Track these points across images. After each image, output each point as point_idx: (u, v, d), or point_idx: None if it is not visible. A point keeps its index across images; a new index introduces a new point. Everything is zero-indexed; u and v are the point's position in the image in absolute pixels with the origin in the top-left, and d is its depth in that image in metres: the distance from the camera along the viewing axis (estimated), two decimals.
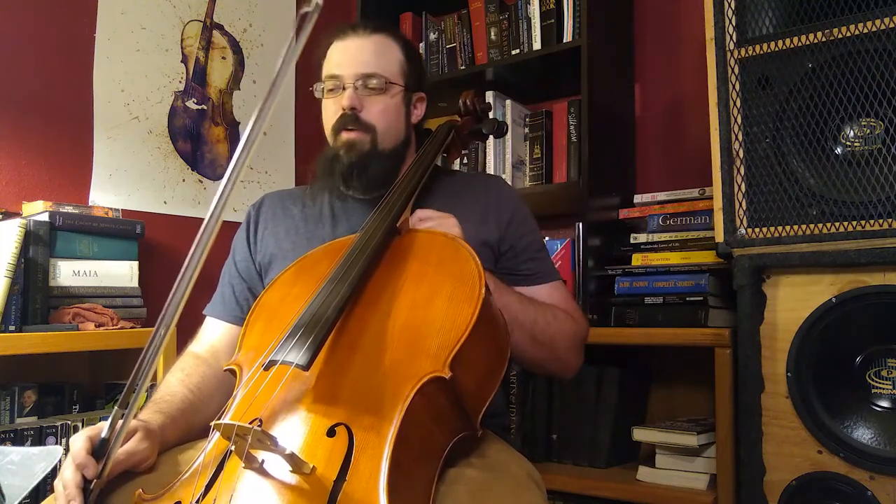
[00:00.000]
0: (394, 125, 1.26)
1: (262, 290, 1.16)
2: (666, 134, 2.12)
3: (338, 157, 1.23)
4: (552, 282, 1.30)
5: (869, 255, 1.30)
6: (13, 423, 1.59)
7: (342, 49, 1.26)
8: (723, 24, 1.47)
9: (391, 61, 1.27)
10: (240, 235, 1.35)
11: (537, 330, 1.16)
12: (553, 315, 1.20)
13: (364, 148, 1.23)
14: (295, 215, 1.33)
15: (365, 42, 1.26)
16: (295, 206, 1.34)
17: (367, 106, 1.24)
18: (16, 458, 1.26)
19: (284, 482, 0.79)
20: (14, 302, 1.54)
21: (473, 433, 0.94)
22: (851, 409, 1.34)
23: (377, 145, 1.24)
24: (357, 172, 1.23)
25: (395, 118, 1.27)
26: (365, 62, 1.24)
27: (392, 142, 1.26)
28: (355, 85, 1.23)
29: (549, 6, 2.06)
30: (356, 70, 1.23)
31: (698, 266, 1.70)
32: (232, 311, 1.29)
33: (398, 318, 0.94)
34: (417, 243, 1.06)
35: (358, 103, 1.23)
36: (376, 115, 1.24)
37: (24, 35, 1.84)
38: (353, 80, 1.23)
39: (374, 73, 1.24)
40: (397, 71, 1.27)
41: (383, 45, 1.27)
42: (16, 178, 1.82)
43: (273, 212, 1.35)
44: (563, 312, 1.23)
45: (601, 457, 1.81)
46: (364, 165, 1.23)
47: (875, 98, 1.31)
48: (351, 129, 1.23)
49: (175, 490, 0.86)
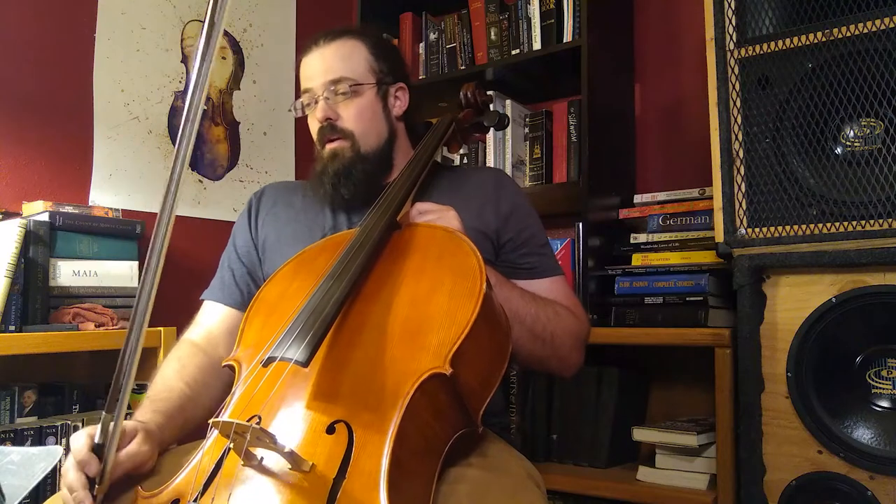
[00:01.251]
0: (372, 126, 1.27)
1: (261, 285, 1.16)
2: (666, 134, 2.12)
3: (325, 169, 1.25)
4: (554, 276, 1.29)
5: (869, 255, 1.30)
6: (13, 423, 1.59)
7: (308, 62, 1.28)
8: (723, 24, 1.47)
9: (357, 62, 1.27)
10: (241, 222, 1.36)
11: (538, 326, 1.15)
12: (555, 311, 1.19)
13: (346, 155, 1.24)
14: (296, 204, 1.34)
15: (326, 49, 1.27)
16: (296, 195, 1.35)
17: (341, 113, 1.25)
18: (16, 458, 1.25)
19: (283, 480, 0.79)
20: (14, 302, 1.54)
21: (474, 429, 0.94)
22: (851, 409, 1.34)
23: (359, 150, 1.25)
24: (343, 180, 1.24)
25: (372, 118, 1.27)
26: (329, 69, 1.25)
27: (374, 142, 1.27)
28: (325, 95, 1.25)
29: (549, 6, 2.06)
30: (322, 79, 1.25)
31: (698, 266, 1.70)
32: (231, 294, 1.29)
33: (398, 313, 0.94)
34: (418, 238, 1.06)
35: (332, 113, 1.24)
36: (352, 119, 1.25)
37: (24, 35, 1.84)
38: (323, 91, 1.25)
39: (340, 78, 1.25)
40: (364, 70, 1.28)
41: (346, 48, 1.28)
42: (16, 178, 1.82)
43: (274, 200, 1.36)
44: (564, 308, 1.22)
45: (601, 457, 1.81)
46: (348, 172, 1.24)
47: (875, 98, 1.31)
48: (331, 139, 1.25)
49: (174, 487, 0.86)
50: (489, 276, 0.96)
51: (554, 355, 1.19)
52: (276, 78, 2.46)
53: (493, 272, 1.12)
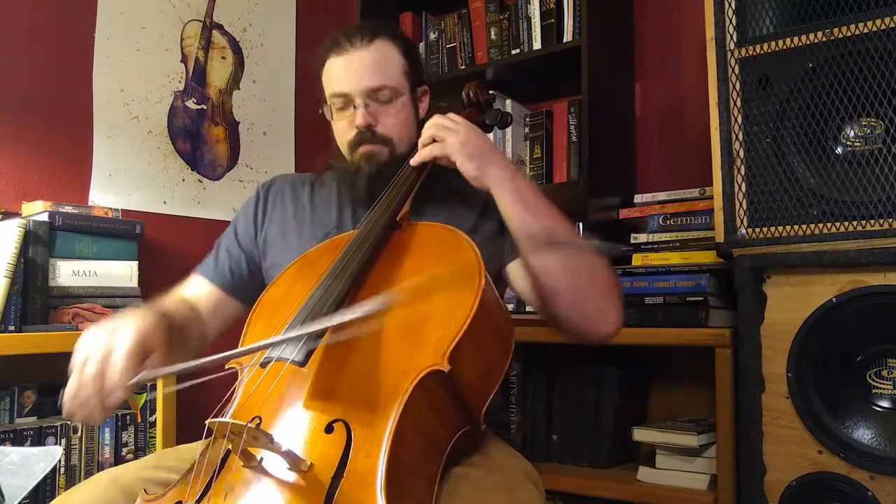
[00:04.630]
0: (406, 131, 1.26)
1: (254, 275, 1.17)
2: (666, 134, 2.12)
3: (359, 169, 1.22)
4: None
5: (869, 255, 1.30)
6: (13, 424, 1.59)
7: (343, 64, 1.23)
8: (723, 23, 1.47)
9: (394, 67, 1.24)
10: (246, 211, 1.35)
11: (576, 248, 1.07)
12: (588, 249, 1.12)
13: (383, 158, 1.22)
14: (303, 199, 1.33)
15: (365, 53, 1.22)
16: (304, 189, 1.34)
17: (381, 119, 1.23)
18: (16, 458, 1.25)
19: (282, 480, 0.79)
20: (14, 302, 1.54)
21: (476, 427, 0.94)
22: (852, 409, 1.34)
23: (395, 154, 1.23)
24: (378, 181, 1.21)
25: (408, 123, 1.26)
26: (370, 75, 1.21)
27: (406, 145, 1.26)
28: (365, 102, 1.21)
29: (549, 6, 2.06)
30: (363, 85, 1.21)
31: (698, 266, 1.70)
32: (221, 274, 1.29)
33: (397, 312, 0.93)
34: (417, 236, 1.06)
35: (373, 120, 1.22)
36: (392, 127, 1.23)
37: (24, 35, 1.84)
38: (362, 97, 1.21)
39: (382, 86, 1.21)
40: (401, 75, 1.25)
41: (383, 52, 1.24)
42: (15, 178, 1.82)
43: (283, 193, 1.35)
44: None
45: (601, 457, 1.81)
46: (383, 173, 1.21)
47: (875, 98, 1.31)
48: (369, 143, 1.22)
49: (176, 490, 0.86)
50: (518, 205, 1.02)
51: (595, 286, 1.08)
52: (276, 78, 2.46)
53: (523, 178, 1.11)
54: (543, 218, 1.07)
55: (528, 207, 1.07)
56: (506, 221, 1.10)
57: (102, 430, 1.67)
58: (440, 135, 1.12)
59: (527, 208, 1.07)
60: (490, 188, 1.09)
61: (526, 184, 1.11)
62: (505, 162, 1.12)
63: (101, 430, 1.66)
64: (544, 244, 1.06)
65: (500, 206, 1.10)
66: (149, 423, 1.74)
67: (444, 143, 1.11)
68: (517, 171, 1.12)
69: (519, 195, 1.08)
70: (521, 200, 1.08)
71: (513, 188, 1.08)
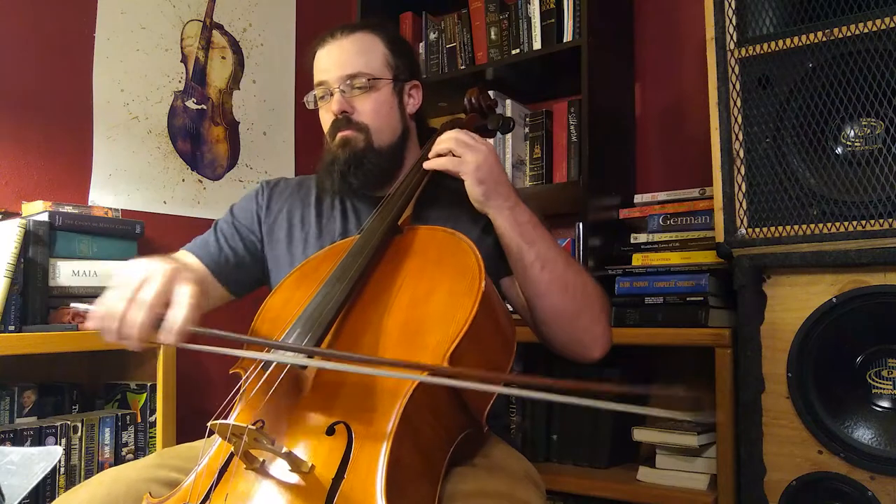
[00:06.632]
0: (387, 121, 1.26)
1: (249, 269, 1.19)
2: (666, 134, 2.12)
3: (336, 156, 1.23)
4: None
5: (869, 255, 1.30)
6: (13, 424, 1.59)
7: (325, 55, 1.26)
8: (723, 23, 1.47)
9: (374, 57, 1.26)
10: (247, 204, 1.35)
11: (570, 273, 1.11)
12: (581, 267, 1.18)
13: (358, 145, 1.23)
14: (310, 205, 1.33)
15: (344, 43, 1.25)
16: (310, 195, 1.34)
17: (357, 106, 1.24)
18: (15, 458, 1.26)
19: (284, 482, 0.79)
20: (14, 302, 1.54)
21: (479, 428, 0.94)
22: (852, 410, 1.34)
23: (372, 143, 1.24)
24: (353, 169, 1.22)
25: (388, 113, 1.26)
26: (347, 63, 1.24)
27: (388, 137, 1.26)
28: (341, 88, 1.23)
29: (549, 6, 2.06)
30: (339, 72, 1.23)
31: (698, 266, 1.70)
32: (211, 254, 1.29)
33: (398, 314, 0.94)
34: (418, 240, 1.07)
35: (347, 106, 1.23)
36: (368, 114, 1.24)
37: (24, 35, 1.84)
38: (339, 84, 1.23)
39: (358, 73, 1.23)
40: (382, 65, 1.26)
41: (364, 42, 1.26)
42: (15, 178, 1.82)
43: (290, 195, 1.35)
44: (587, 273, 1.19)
45: (601, 457, 1.81)
46: (359, 161, 1.22)
47: (875, 98, 1.31)
48: (344, 129, 1.24)
49: (179, 493, 0.86)
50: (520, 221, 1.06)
51: (585, 312, 1.12)
52: (276, 78, 2.45)
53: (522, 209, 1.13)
54: (539, 248, 1.10)
55: (524, 237, 1.11)
56: (503, 246, 1.14)
57: (102, 430, 1.67)
58: (459, 150, 1.12)
59: (523, 237, 1.11)
60: (489, 213, 1.13)
61: (526, 216, 1.13)
62: (509, 192, 1.14)
63: (101, 430, 1.66)
64: (538, 272, 1.10)
65: (497, 230, 1.13)
66: (149, 423, 1.74)
67: (462, 160, 1.11)
68: (519, 202, 1.14)
69: (516, 223, 1.11)
70: (518, 228, 1.11)
71: (510, 216, 1.11)
